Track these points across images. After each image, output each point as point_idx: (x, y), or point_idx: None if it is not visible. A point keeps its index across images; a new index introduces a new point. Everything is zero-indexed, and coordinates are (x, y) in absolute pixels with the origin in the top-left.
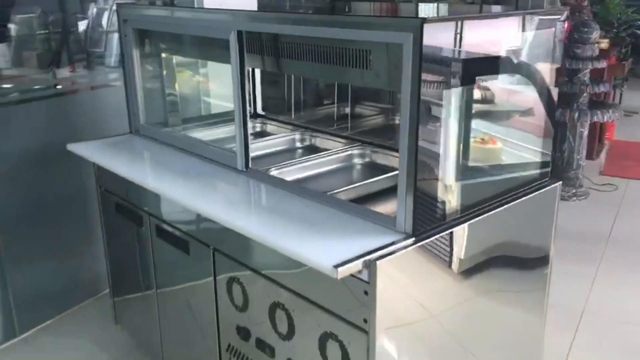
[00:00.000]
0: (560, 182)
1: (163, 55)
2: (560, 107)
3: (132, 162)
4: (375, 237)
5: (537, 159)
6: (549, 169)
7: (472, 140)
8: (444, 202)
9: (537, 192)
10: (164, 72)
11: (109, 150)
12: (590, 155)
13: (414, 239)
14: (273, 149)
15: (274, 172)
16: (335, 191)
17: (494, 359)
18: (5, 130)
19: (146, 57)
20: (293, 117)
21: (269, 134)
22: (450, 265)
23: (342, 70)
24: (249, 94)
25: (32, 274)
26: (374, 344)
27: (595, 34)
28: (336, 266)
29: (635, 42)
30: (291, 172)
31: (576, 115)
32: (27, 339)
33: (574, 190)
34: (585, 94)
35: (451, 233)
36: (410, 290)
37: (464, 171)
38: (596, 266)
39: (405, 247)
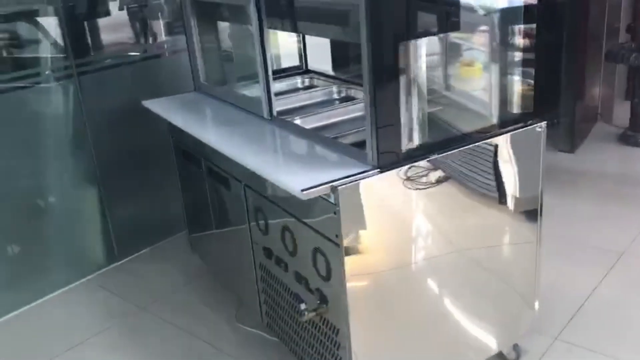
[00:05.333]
0: (545, 123)
1: (216, 22)
2: (636, 50)
3: (187, 114)
4: (348, 169)
5: (514, 100)
6: (530, 110)
7: (437, 85)
8: (407, 140)
9: (515, 133)
10: (219, 37)
11: (173, 105)
12: None
13: (378, 170)
14: (312, 101)
15: (297, 120)
16: (342, 134)
17: (473, 284)
18: (104, 89)
19: (203, 24)
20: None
21: (314, 87)
22: (416, 195)
23: (333, 28)
24: (302, 52)
25: (127, 211)
26: (343, 254)
27: None
28: (303, 190)
29: None
30: (314, 120)
31: None
32: (125, 264)
33: None
34: None
35: (416, 167)
36: (376, 212)
37: (428, 112)
38: None
39: (369, 176)
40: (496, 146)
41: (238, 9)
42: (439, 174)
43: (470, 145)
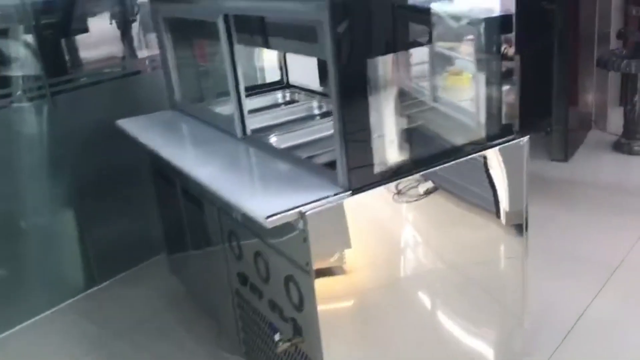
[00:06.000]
0: (528, 137)
1: (190, 38)
2: (627, 57)
3: (159, 134)
4: (319, 192)
5: (494, 115)
6: (511, 124)
7: (412, 100)
8: (380, 160)
9: (496, 148)
10: (194, 54)
11: (146, 125)
12: None
13: (350, 192)
14: (291, 117)
15: (273, 139)
16: (318, 153)
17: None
18: (80, 109)
19: (177, 41)
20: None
21: (295, 102)
22: (395, 215)
23: (301, 43)
24: (283, 67)
25: (107, 232)
26: (313, 284)
27: None
28: (267, 217)
29: None
30: (290, 137)
31: None
32: (105, 287)
33: None
34: None
35: (389, 188)
36: (351, 236)
37: (403, 130)
38: None
39: (339, 199)
40: (477, 162)
41: (208, 25)
42: (421, 190)
43: (449, 163)
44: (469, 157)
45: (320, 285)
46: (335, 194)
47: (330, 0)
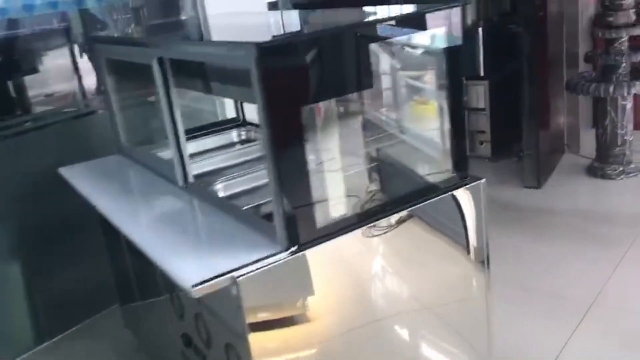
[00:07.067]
0: (484, 180)
1: (133, 81)
2: (596, 80)
3: (98, 182)
4: (255, 251)
5: (448, 159)
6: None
7: (358, 147)
8: (324, 213)
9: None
10: (137, 96)
11: (87, 172)
12: None
13: (291, 252)
14: (243, 158)
15: (219, 185)
16: (265, 201)
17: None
18: (25, 155)
19: (120, 83)
20: None
21: (250, 142)
22: (358, 255)
23: (235, 89)
24: (239, 104)
25: (56, 285)
26: (250, 355)
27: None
28: (195, 285)
29: None
30: (237, 184)
31: (611, 88)
32: (56, 343)
33: (621, 168)
34: (624, 65)
35: (335, 244)
36: (293, 297)
37: (349, 177)
38: (625, 250)
39: (277, 261)
40: (430, 208)
41: (145, 68)
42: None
43: (401, 212)
44: (425, 203)
45: (261, 354)
46: (272, 254)
47: (257, 47)
